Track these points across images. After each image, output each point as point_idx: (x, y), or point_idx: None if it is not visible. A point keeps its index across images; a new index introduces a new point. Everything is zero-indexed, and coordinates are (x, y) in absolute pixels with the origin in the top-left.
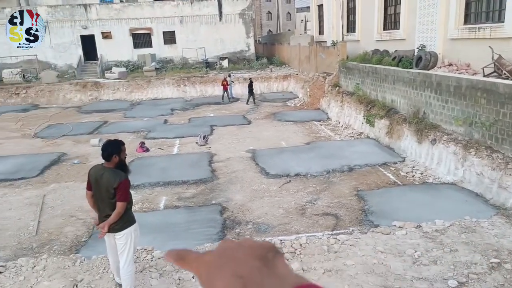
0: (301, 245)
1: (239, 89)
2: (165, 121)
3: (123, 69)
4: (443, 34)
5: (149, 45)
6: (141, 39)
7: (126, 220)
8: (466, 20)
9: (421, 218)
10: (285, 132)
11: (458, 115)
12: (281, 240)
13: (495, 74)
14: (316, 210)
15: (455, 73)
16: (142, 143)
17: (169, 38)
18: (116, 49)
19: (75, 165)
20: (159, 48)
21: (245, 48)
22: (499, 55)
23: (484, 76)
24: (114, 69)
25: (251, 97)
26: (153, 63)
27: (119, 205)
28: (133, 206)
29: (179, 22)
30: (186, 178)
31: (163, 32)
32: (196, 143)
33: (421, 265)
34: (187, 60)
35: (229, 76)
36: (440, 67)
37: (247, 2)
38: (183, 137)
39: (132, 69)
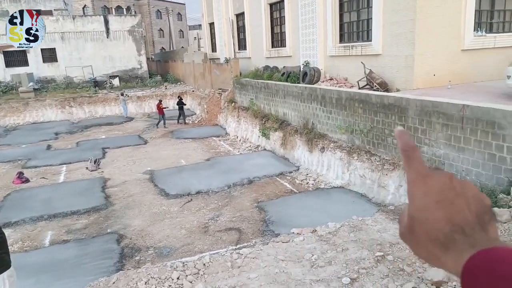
0: (204, 264)
1: (132, 108)
2: (49, 147)
3: None
4: (324, 52)
5: (25, 63)
6: (15, 57)
7: None
8: (341, 39)
9: (316, 223)
10: (185, 150)
11: (341, 124)
12: (183, 263)
13: (368, 86)
14: (219, 226)
15: (336, 86)
16: (20, 173)
17: (49, 55)
18: None
19: None
20: (37, 67)
21: (137, 65)
22: (370, 69)
23: (359, 88)
24: None
25: (182, 116)
26: (31, 83)
27: None
28: (11, 246)
29: (60, 39)
30: (75, 208)
31: (42, 49)
32: (87, 168)
33: (318, 268)
34: (72, 79)
35: (122, 94)
36: (323, 81)
37: (136, 19)
38: (70, 163)
39: (5, 91)
